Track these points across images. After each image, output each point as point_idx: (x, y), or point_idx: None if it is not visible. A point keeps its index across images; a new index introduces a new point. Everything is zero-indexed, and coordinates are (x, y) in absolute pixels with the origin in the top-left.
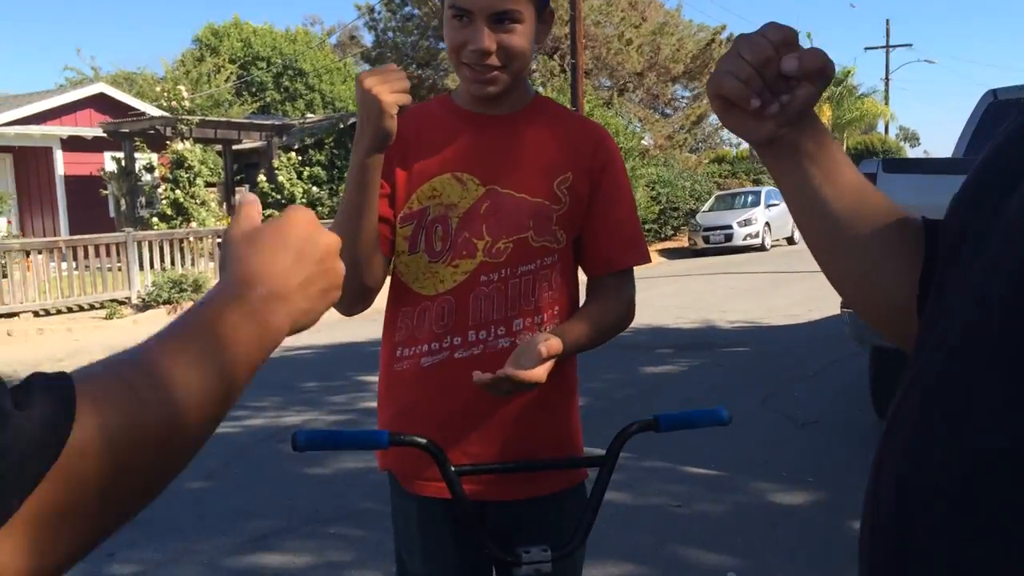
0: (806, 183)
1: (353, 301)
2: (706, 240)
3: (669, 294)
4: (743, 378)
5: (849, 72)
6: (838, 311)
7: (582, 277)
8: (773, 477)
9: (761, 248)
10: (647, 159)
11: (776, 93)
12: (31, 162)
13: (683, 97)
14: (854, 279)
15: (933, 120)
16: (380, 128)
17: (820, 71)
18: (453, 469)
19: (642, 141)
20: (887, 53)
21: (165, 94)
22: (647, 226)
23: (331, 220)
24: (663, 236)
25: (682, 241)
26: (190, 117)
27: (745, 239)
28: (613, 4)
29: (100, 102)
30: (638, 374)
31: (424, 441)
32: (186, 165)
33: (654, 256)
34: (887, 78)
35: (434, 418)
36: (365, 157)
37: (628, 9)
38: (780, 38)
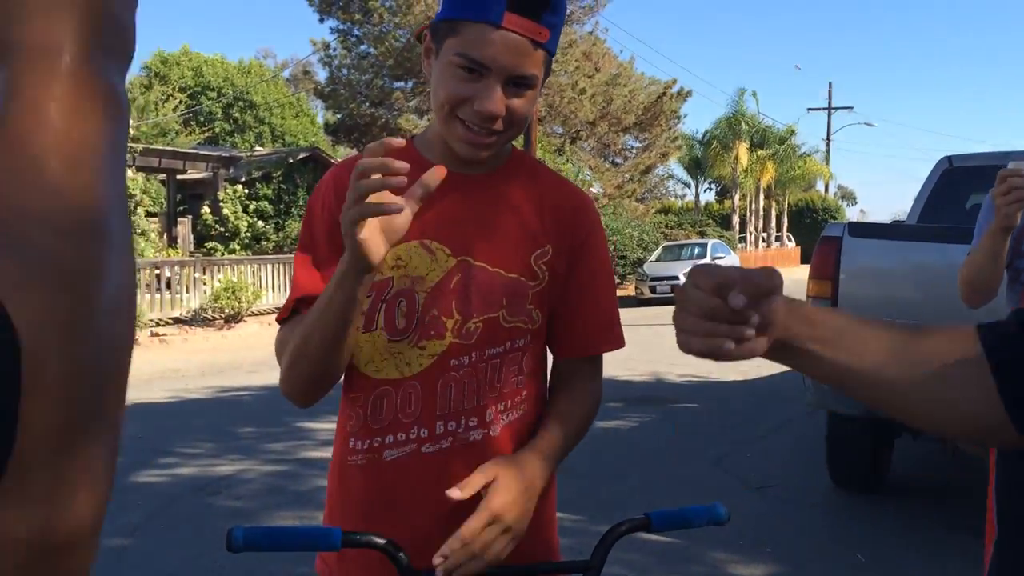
0: (829, 363)
1: (316, 394)
2: (653, 290)
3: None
4: (695, 437)
5: (792, 131)
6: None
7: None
8: (731, 546)
9: None
10: (597, 207)
11: (745, 320)
12: None
13: (633, 147)
14: (940, 425)
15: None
16: (368, 271)
17: (771, 290)
18: (421, 571)
19: (592, 189)
20: (829, 114)
21: None
22: None
23: (274, 256)
24: None
25: (629, 290)
26: (134, 145)
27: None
28: (568, 54)
29: None
30: (591, 429)
31: (383, 541)
32: (127, 193)
33: None
34: (828, 139)
35: (398, 518)
36: (354, 291)
37: (582, 59)
38: (712, 285)
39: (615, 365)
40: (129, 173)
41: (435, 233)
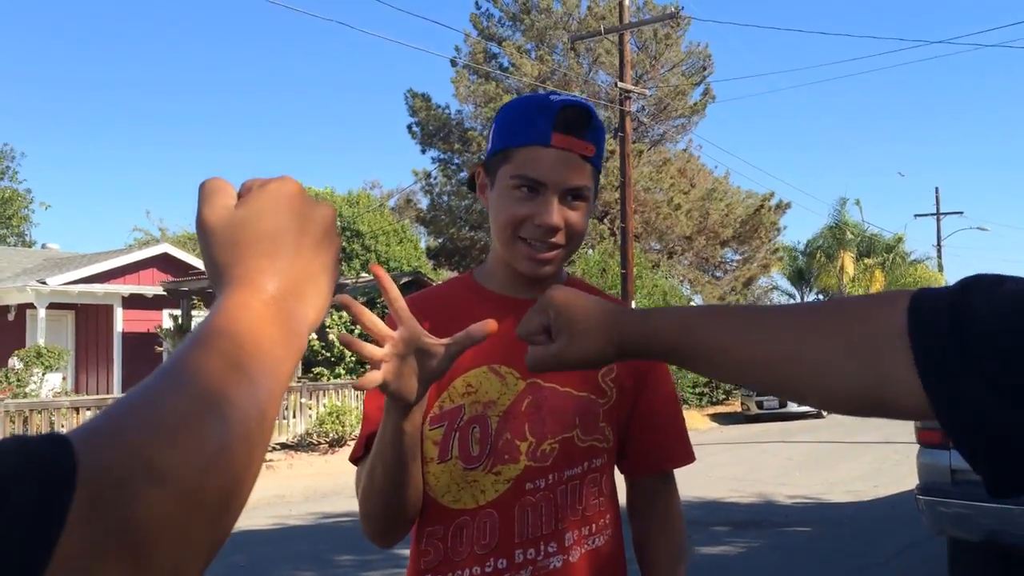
0: (705, 369)
1: (393, 533)
2: (759, 405)
3: (722, 463)
4: (807, 563)
5: (900, 238)
6: (908, 487)
7: None
8: None
9: (817, 415)
10: None
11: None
12: (92, 319)
13: (733, 260)
14: (848, 406)
15: None
16: (407, 406)
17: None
18: None
19: (691, 302)
20: (938, 220)
21: None
22: (698, 389)
23: None
24: (715, 400)
25: (734, 406)
26: None
27: (800, 406)
28: (663, 171)
29: (163, 261)
30: (696, 556)
31: None
32: None
33: (706, 421)
34: (939, 244)
35: None
36: (399, 424)
37: (677, 176)
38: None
39: (720, 486)
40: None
41: (502, 358)
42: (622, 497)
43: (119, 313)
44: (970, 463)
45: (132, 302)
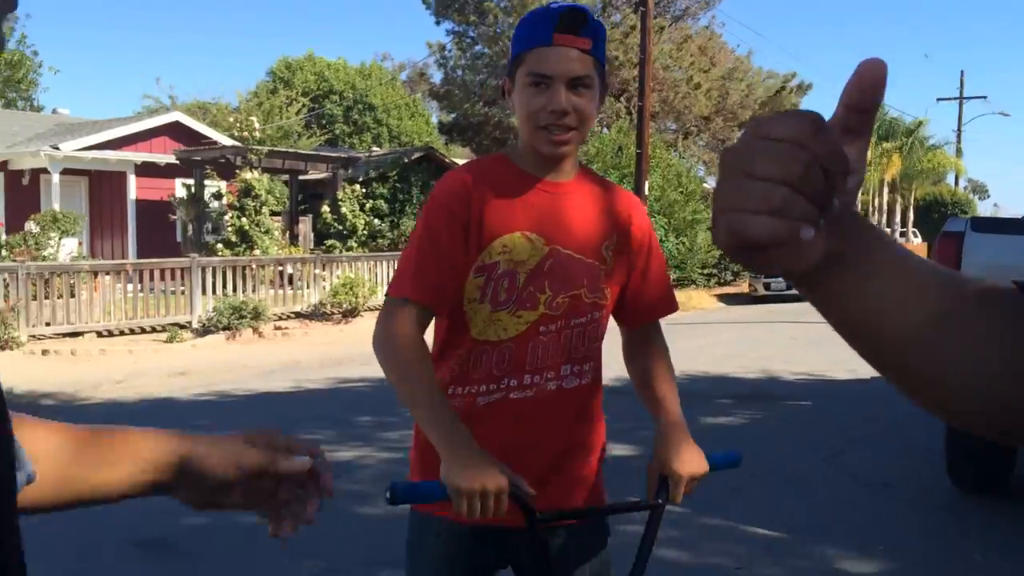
0: (864, 296)
1: None
2: (767, 287)
3: (729, 341)
4: (806, 434)
5: (921, 123)
6: None
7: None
8: (840, 542)
9: None
10: (710, 202)
11: (821, 202)
12: (105, 186)
13: None
14: (951, 399)
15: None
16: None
17: (878, 96)
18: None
19: (704, 184)
20: (960, 105)
21: (238, 124)
22: (707, 270)
23: (390, 252)
24: (723, 281)
25: (742, 287)
26: (260, 147)
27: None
28: (683, 48)
29: (175, 130)
30: (697, 424)
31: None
32: (253, 194)
33: (713, 301)
34: (959, 130)
35: (488, 451)
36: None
37: (698, 54)
38: (810, 128)
39: (727, 362)
40: (255, 174)
41: (533, 226)
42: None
43: (132, 180)
44: None
45: (145, 170)
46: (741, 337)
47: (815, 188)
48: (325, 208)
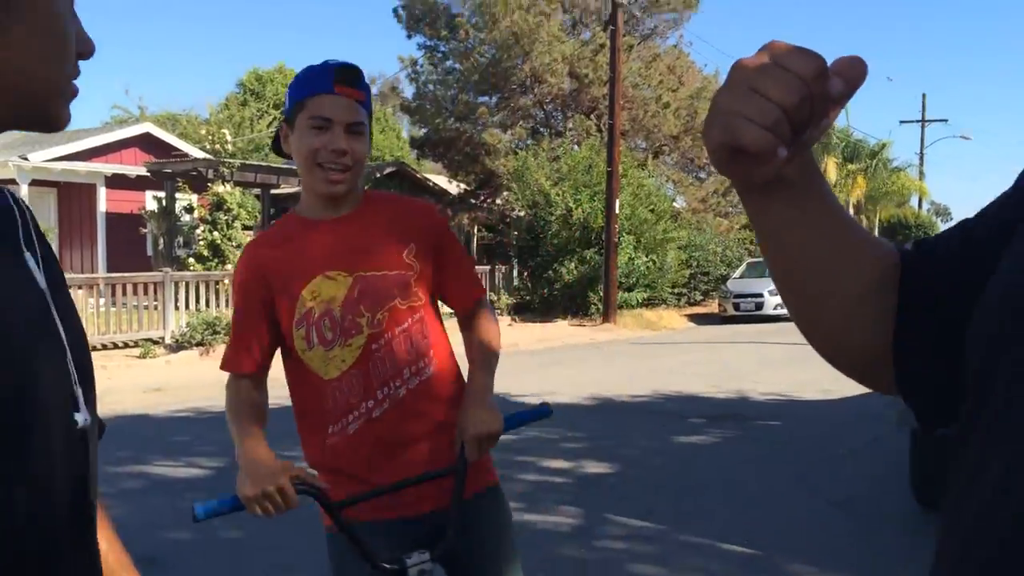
0: (790, 218)
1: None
2: (736, 307)
3: (699, 361)
4: (777, 453)
5: (884, 145)
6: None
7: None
8: (811, 560)
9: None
10: (679, 222)
11: (798, 131)
12: (75, 198)
13: None
14: (829, 326)
15: (965, 195)
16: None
17: (855, 88)
18: (334, 503)
19: (674, 204)
20: (922, 127)
21: (209, 137)
22: (677, 290)
23: None
24: (692, 301)
25: (711, 307)
26: (232, 160)
27: (776, 308)
28: (652, 67)
29: (145, 141)
30: (671, 443)
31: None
32: (225, 207)
33: (683, 321)
34: (922, 153)
35: (367, 468)
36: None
37: (667, 73)
38: (815, 70)
39: (697, 381)
40: (227, 187)
41: (330, 264)
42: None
43: (102, 192)
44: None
45: (115, 182)
46: (711, 357)
47: (800, 118)
48: None
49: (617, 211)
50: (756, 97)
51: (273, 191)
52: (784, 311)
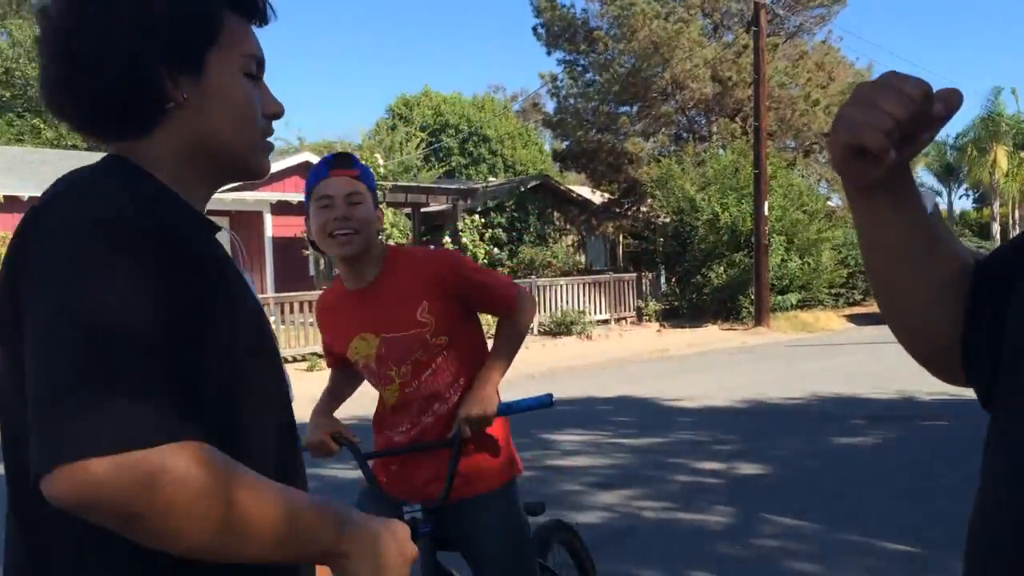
0: (888, 219)
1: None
2: None
3: (860, 362)
4: (944, 453)
5: None
6: None
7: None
8: None
9: None
10: (834, 221)
11: (904, 143)
12: (244, 225)
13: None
14: (911, 317)
15: None
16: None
17: (952, 113)
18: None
19: (828, 202)
20: None
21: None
22: (834, 290)
23: (516, 278)
24: (851, 300)
25: (872, 306)
26: (384, 183)
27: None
28: (799, 65)
29: (304, 169)
30: (828, 444)
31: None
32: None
33: (842, 321)
34: None
35: (400, 460)
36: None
37: (815, 70)
38: (923, 93)
39: (861, 382)
40: (381, 208)
41: (363, 328)
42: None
43: (268, 219)
44: None
45: (279, 208)
46: (872, 357)
47: (907, 131)
48: (446, 239)
49: (766, 213)
50: (876, 109)
51: (423, 209)
52: None
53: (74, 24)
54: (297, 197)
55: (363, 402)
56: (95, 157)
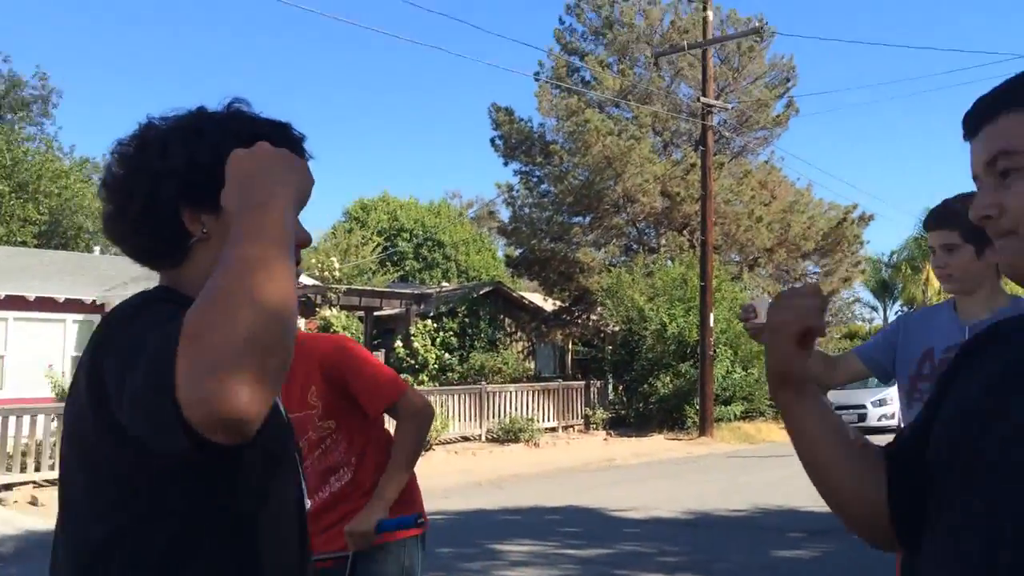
0: (814, 413)
1: None
2: None
3: (800, 474)
4: (881, 567)
5: None
6: None
7: None
8: None
9: (897, 430)
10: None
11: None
12: None
13: (814, 273)
14: (841, 495)
15: None
16: None
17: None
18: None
19: None
20: None
21: (319, 264)
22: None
23: (460, 386)
24: None
25: None
26: (339, 286)
27: (880, 419)
28: (743, 183)
29: None
30: (769, 557)
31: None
32: (332, 330)
33: (783, 434)
34: None
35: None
36: None
37: (758, 188)
38: (817, 289)
39: (801, 495)
40: (334, 311)
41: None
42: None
43: None
44: None
45: None
46: None
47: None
48: (398, 343)
49: (712, 324)
50: (800, 304)
51: (376, 313)
52: (887, 423)
53: (114, 173)
54: None
55: None
56: (45, 254)
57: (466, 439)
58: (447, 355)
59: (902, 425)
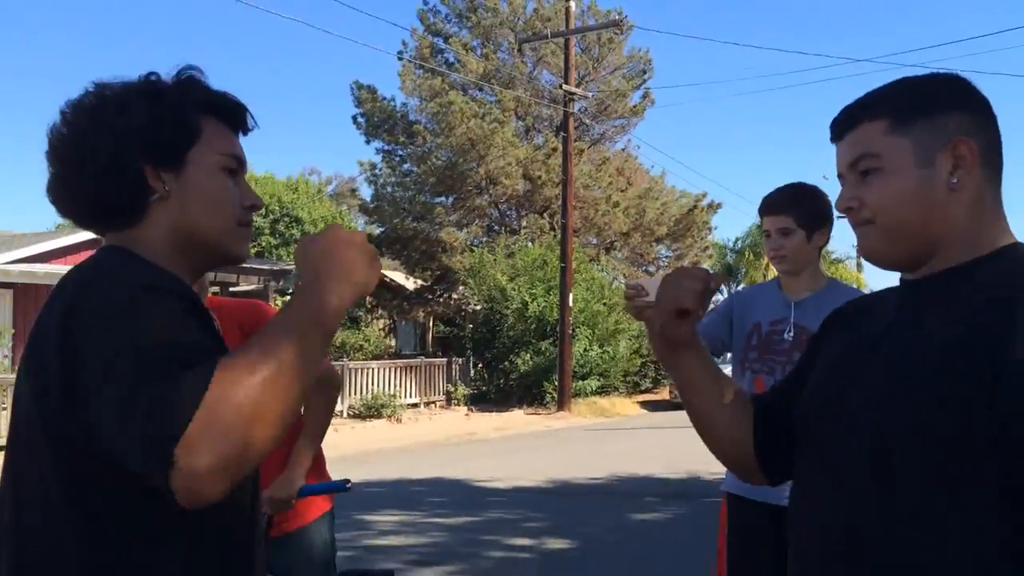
0: (697, 370)
1: None
2: None
3: (651, 445)
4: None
5: None
6: None
7: None
8: None
9: None
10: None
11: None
12: (31, 298)
13: (667, 257)
14: (718, 433)
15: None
16: None
17: (716, 289)
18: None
19: None
20: None
21: None
22: (629, 378)
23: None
24: (643, 388)
25: (662, 394)
26: None
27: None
28: (602, 169)
29: (97, 243)
30: (628, 520)
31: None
32: None
33: (635, 407)
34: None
35: None
36: None
37: (616, 175)
38: (705, 275)
39: (657, 462)
40: None
41: None
42: None
43: None
44: None
45: None
46: (664, 440)
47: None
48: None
49: (571, 304)
50: (684, 285)
51: (232, 288)
52: None
53: (67, 133)
54: None
55: None
56: None
57: None
58: None
59: None
